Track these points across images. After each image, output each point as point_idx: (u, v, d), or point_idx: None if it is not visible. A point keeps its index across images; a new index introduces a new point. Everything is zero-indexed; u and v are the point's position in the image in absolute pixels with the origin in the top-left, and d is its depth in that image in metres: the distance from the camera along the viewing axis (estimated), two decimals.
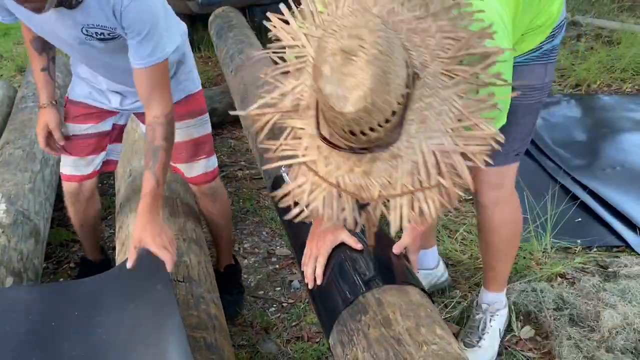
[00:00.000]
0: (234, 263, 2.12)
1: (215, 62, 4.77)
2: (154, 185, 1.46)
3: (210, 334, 1.34)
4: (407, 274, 1.42)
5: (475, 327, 1.74)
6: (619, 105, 3.34)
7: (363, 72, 0.83)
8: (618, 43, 4.08)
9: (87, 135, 1.77)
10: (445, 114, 0.92)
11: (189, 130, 1.76)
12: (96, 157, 1.82)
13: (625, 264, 2.01)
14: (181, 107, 1.71)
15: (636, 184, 2.48)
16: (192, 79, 1.77)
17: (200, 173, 1.84)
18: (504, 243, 1.66)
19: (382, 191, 0.95)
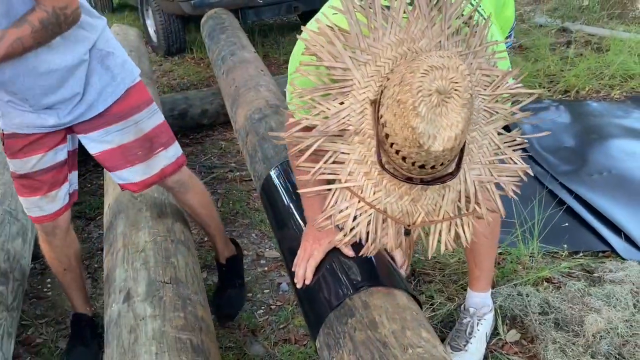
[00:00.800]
0: (234, 253, 2.06)
1: (207, 64, 4.77)
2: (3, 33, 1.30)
3: (197, 335, 1.34)
4: (395, 277, 1.43)
5: (463, 331, 1.75)
6: (607, 111, 3.37)
7: (456, 114, 0.88)
8: (607, 50, 4.12)
9: (42, 170, 1.60)
10: (485, 147, 1.01)
11: (139, 126, 1.63)
12: (59, 191, 1.65)
13: (611, 269, 2.03)
14: (124, 102, 1.60)
15: (623, 190, 2.50)
16: (128, 69, 1.61)
17: (161, 167, 1.70)
18: (490, 239, 1.67)
19: (425, 217, 1.01)
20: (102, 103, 1.57)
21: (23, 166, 1.59)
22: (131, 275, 1.50)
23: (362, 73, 0.98)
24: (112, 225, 1.79)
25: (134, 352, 1.25)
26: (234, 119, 2.62)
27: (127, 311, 1.38)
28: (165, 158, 1.70)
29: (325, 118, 0.99)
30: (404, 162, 0.94)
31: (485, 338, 1.76)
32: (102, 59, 1.55)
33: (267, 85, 2.68)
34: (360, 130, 0.98)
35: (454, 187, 1.01)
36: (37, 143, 1.57)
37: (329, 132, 0.98)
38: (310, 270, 1.40)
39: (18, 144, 1.56)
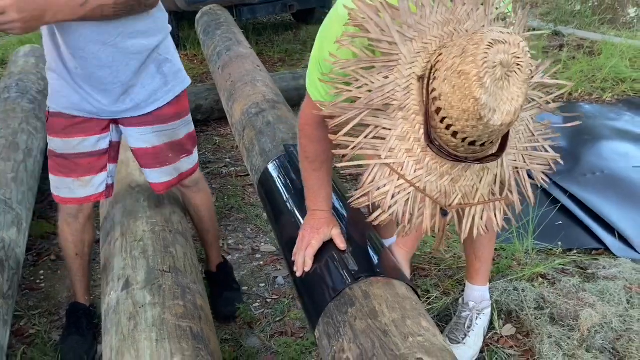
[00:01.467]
0: (222, 261, 2.10)
1: (201, 60, 4.76)
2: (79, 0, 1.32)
3: (197, 324, 1.34)
4: (394, 268, 1.43)
5: (462, 324, 1.76)
6: (599, 113, 3.41)
7: (517, 89, 0.88)
8: (599, 54, 4.17)
9: (82, 154, 1.62)
10: (522, 133, 1.02)
11: (175, 132, 1.70)
12: (94, 178, 1.65)
13: (604, 266, 2.05)
14: (170, 108, 1.65)
15: (615, 190, 2.53)
16: (180, 79, 1.68)
17: (183, 171, 1.77)
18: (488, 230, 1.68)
19: (462, 199, 1.00)
20: (150, 105, 1.62)
21: (63, 146, 1.62)
22: (130, 263, 1.49)
23: (409, 49, 0.96)
24: (109, 215, 1.78)
25: (134, 339, 1.25)
26: (230, 114, 2.62)
27: (127, 299, 1.37)
28: (187, 163, 1.78)
29: (368, 92, 0.97)
30: (453, 139, 0.92)
31: (483, 332, 1.77)
32: (159, 64, 1.60)
33: (263, 80, 2.68)
34: (405, 105, 0.97)
35: (492, 170, 1.00)
36: (80, 126, 1.60)
37: (372, 105, 0.96)
38: (309, 258, 1.41)
39: (62, 123, 1.60)
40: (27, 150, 2.37)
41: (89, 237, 1.80)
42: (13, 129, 2.42)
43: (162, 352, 1.20)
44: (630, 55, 4.02)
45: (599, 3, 5.27)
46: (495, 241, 1.75)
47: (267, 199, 1.86)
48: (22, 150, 2.33)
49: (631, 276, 1.96)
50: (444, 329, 1.81)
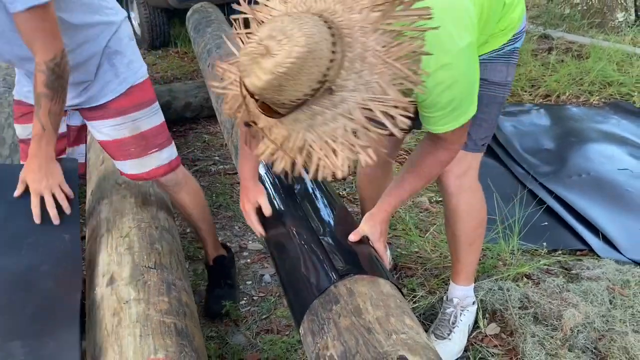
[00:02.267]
0: (224, 254, 2.08)
1: (191, 58, 4.75)
2: (39, 129, 1.46)
3: (181, 320, 1.33)
4: (378, 266, 1.44)
5: (446, 321, 1.78)
6: (586, 116, 3.44)
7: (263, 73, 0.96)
8: (587, 57, 4.21)
9: None
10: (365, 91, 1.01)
11: (136, 124, 1.68)
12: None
13: (588, 266, 2.07)
14: (124, 99, 1.65)
15: (600, 191, 2.56)
16: (133, 69, 1.67)
17: (153, 167, 1.74)
18: (470, 232, 1.70)
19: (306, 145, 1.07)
20: (103, 97, 1.64)
21: (22, 132, 1.69)
22: (115, 259, 1.49)
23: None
24: (95, 211, 1.77)
25: (117, 335, 1.24)
26: (219, 111, 2.61)
27: (111, 294, 1.37)
28: (158, 159, 1.75)
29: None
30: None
31: (467, 329, 1.78)
32: (109, 57, 1.62)
33: None
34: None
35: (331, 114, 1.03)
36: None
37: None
38: (255, 225, 1.60)
39: (22, 110, 1.68)
40: (14, 144, 2.35)
41: None
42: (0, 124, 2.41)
43: (146, 348, 1.19)
44: (617, 58, 4.06)
45: (587, 7, 5.31)
46: (477, 247, 1.76)
47: None
48: (9, 145, 2.31)
49: (614, 277, 1.98)
50: (429, 327, 1.82)
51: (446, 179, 1.63)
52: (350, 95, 1.01)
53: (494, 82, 1.54)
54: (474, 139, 1.58)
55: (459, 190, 1.63)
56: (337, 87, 1.01)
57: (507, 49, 1.53)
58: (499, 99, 1.58)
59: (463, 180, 1.62)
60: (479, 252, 1.79)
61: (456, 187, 1.63)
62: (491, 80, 1.53)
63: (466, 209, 1.66)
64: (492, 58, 1.52)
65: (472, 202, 1.67)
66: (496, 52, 1.52)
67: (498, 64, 1.54)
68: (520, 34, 1.56)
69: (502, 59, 1.54)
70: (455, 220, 1.69)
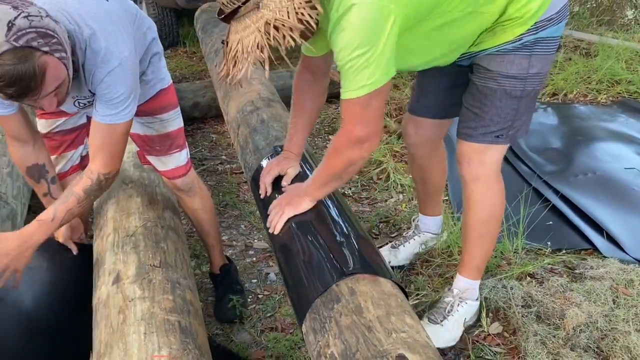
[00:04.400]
0: (227, 262, 2.11)
1: (200, 58, 4.78)
2: (48, 217, 1.46)
3: (185, 318, 1.36)
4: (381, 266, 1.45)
5: (442, 308, 1.81)
6: (593, 115, 3.42)
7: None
8: (595, 55, 4.19)
9: (64, 131, 1.74)
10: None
11: (163, 124, 1.76)
12: (74, 152, 1.79)
13: (592, 266, 2.07)
14: (154, 102, 1.72)
15: (606, 191, 2.55)
16: (161, 75, 1.76)
17: (172, 167, 1.83)
18: (480, 223, 1.71)
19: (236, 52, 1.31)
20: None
21: (48, 126, 1.74)
22: (121, 258, 1.51)
23: None
24: (102, 210, 1.80)
25: (122, 332, 1.27)
26: (226, 111, 2.64)
27: (117, 293, 1.39)
28: (177, 160, 1.83)
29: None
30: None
31: (463, 322, 1.79)
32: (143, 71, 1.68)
33: (259, 78, 2.70)
34: None
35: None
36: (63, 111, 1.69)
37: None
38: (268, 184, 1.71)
39: None
40: None
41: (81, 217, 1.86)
42: None
43: (150, 346, 1.22)
44: (626, 57, 4.04)
45: (597, 5, 5.28)
46: (487, 240, 1.76)
47: (258, 195, 1.89)
48: None
49: (618, 276, 1.98)
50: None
51: (461, 167, 1.67)
52: (267, 13, 1.24)
53: (507, 75, 1.52)
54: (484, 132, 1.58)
55: (473, 178, 1.66)
56: (263, 5, 1.26)
57: (526, 39, 1.48)
58: (515, 93, 1.54)
59: (479, 170, 1.64)
60: (489, 248, 1.80)
61: (470, 175, 1.66)
62: (504, 73, 1.52)
63: (479, 200, 1.68)
64: (507, 50, 1.50)
65: (487, 194, 1.68)
66: (511, 43, 1.49)
67: (516, 56, 1.50)
68: (545, 23, 1.48)
69: (521, 51, 1.50)
70: (467, 208, 1.71)
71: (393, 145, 3.08)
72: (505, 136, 1.61)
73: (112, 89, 1.41)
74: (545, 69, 1.56)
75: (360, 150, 1.41)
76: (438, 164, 2.02)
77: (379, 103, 1.35)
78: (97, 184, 1.50)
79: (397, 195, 2.69)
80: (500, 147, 1.63)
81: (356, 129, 1.37)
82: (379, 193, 2.72)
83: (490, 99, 1.56)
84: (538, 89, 1.59)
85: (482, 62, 1.56)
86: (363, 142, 1.39)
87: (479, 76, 1.58)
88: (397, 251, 2.15)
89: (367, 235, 1.58)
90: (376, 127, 1.39)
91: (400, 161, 2.97)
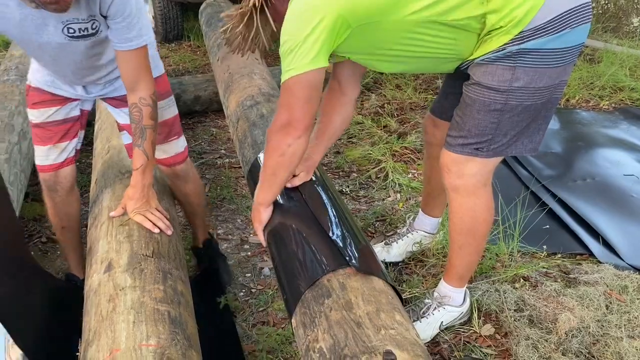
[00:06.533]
0: (209, 237, 2.19)
1: (203, 52, 4.77)
2: (144, 160, 1.60)
3: (175, 308, 1.36)
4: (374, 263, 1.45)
5: (419, 308, 1.82)
6: (595, 120, 3.42)
7: None
8: (599, 61, 4.18)
9: (56, 122, 1.76)
10: None
11: (161, 112, 1.76)
12: (69, 144, 1.80)
13: (587, 271, 2.07)
14: None
15: (604, 197, 2.55)
16: (154, 63, 1.75)
17: (172, 154, 1.88)
18: (457, 233, 1.68)
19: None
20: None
21: (40, 116, 1.75)
22: (114, 247, 1.51)
23: None
24: (98, 199, 1.80)
25: (111, 320, 1.27)
26: (226, 105, 2.64)
27: (108, 281, 1.39)
28: (177, 147, 1.89)
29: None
30: None
31: (438, 326, 1.80)
32: None
33: (261, 74, 2.70)
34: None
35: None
36: (57, 100, 1.74)
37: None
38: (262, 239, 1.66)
39: (40, 97, 1.73)
40: (22, 132, 2.39)
41: (74, 210, 1.91)
42: (10, 110, 2.45)
43: (138, 334, 1.22)
44: (630, 64, 4.03)
45: (602, 11, 5.27)
46: (467, 252, 1.71)
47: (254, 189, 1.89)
48: (17, 132, 2.35)
49: (612, 282, 1.97)
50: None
51: (442, 174, 1.63)
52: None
53: (486, 86, 1.45)
54: (463, 143, 1.54)
55: (451, 188, 1.62)
56: None
57: (510, 49, 1.40)
58: (495, 106, 1.46)
59: (457, 181, 1.59)
60: (470, 259, 1.74)
61: (449, 184, 1.62)
62: (483, 84, 1.46)
63: (456, 210, 1.64)
64: (490, 60, 1.44)
65: (465, 206, 1.62)
66: (494, 53, 1.42)
67: (497, 67, 1.43)
68: (532, 33, 1.38)
69: (503, 61, 1.42)
70: (449, 217, 1.69)
71: (393, 145, 3.07)
72: (487, 150, 1.52)
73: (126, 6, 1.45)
74: (538, 84, 1.43)
75: (285, 135, 1.45)
76: None
77: (303, 92, 1.40)
78: (154, 105, 1.59)
79: (395, 194, 2.69)
80: (481, 161, 1.55)
81: (280, 114, 1.45)
82: (376, 192, 2.72)
83: (470, 109, 1.50)
84: (530, 105, 1.46)
85: (471, 71, 1.51)
86: (287, 127, 1.44)
87: (466, 84, 1.53)
88: (390, 247, 2.14)
89: (361, 233, 1.58)
90: (299, 113, 1.42)
91: (400, 161, 2.97)
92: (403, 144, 3.09)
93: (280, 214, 1.63)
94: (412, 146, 3.05)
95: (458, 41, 1.45)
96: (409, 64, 1.55)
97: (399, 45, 1.45)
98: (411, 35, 1.42)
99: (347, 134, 3.30)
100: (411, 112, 3.56)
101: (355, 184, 2.78)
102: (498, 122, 1.49)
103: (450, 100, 1.79)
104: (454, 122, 1.57)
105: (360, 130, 3.32)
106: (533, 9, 1.38)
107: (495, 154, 1.55)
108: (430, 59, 1.51)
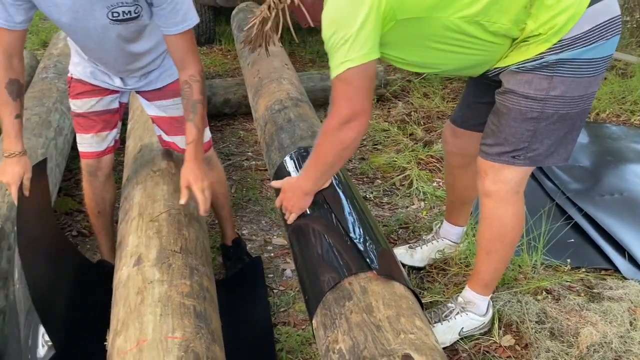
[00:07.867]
0: (238, 236, 2.25)
1: (234, 56, 4.85)
2: (195, 134, 1.67)
3: (200, 303, 1.40)
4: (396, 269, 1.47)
5: (441, 311, 1.82)
6: (625, 135, 3.37)
7: None
8: (632, 76, 4.12)
9: (97, 112, 1.86)
10: None
11: None
12: (109, 133, 1.91)
13: (611, 286, 2.05)
14: (175, 84, 1.81)
15: (632, 212, 2.52)
16: None
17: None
18: (486, 240, 1.70)
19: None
20: (161, 81, 1.88)
21: (82, 106, 1.85)
22: (143, 242, 1.56)
23: None
24: (129, 196, 1.85)
25: (139, 312, 1.31)
26: (255, 108, 2.69)
27: (137, 274, 1.44)
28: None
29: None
30: None
31: (459, 331, 1.80)
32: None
33: (289, 79, 2.74)
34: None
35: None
36: (97, 90, 1.85)
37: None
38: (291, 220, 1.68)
39: (83, 88, 1.84)
40: (59, 128, 2.47)
41: (110, 195, 2.01)
42: (47, 107, 2.53)
43: (164, 327, 1.26)
44: None
45: (637, 25, 5.19)
46: (495, 258, 1.73)
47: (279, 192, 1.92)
48: (54, 128, 2.43)
49: (637, 298, 1.95)
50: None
51: (478, 180, 1.66)
52: None
53: (522, 94, 1.47)
54: (500, 151, 1.56)
55: (485, 193, 1.64)
56: None
57: (547, 58, 1.42)
58: (530, 114, 1.48)
59: (491, 186, 1.61)
60: (497, 267, 1.76)
61: (483, 190, 1.64)
62: (519, 92, 1.47)
63: (487, 216, 1.67)
64: (527, 69, 1.45)
65: (496, 212, 1.65)
66: (531, 62, 1.44)
67: (535, 76, 1.44)
68: (570, 42, 1.40)
69: (541, 71, 1.44)
70: (479, 223, 1.71)
71: (418, 153, 3.08)
72: (523, 158, 1.54)
73: None
74: (574, 93, 1.45)
75: (349, 130, 1.43)
76: (470, 177, 1.91)
77: (362, 82, 1.39)
78: (202, 81, 1.68)
79: (419, 202, 2.70)
80: (518, 169, 1.57)
81: (342, 108, 1.42)
82: (400, 199, 2.73)
83: (505, 118, 1.51)
84: (566, 113, 1.48)
85: (504, 78, 1.52)
86: (350, 121, 1.42)
87: (499, 93, 1.54)
88: (414, 251, 2.16)
89: (383, 238, 1.60)
90: (362, 105, 1.42)
91: (425, 169, 2.97)
92: (429, 152, 3.10)
93: (304, 215, 1.66)
94: (438, 155, 3.06)
95: (495, 45, 1.47)
96: (438, 66, 1.57)
97: (436, 44, 1.47)
98: (451, 34, 1.43)
99: (373, 140, 3.32)
100: (438, 120, 3.56)
101: (379, 190, 2.80)
102: (534, 130, 1.51)
103: (472, 109, 1.82)
104: (489, 131, 1.59)
105: (385, 137, 3.34)
106: (574, 17, 1.39)
107: (532, 163, 1.57)
108: (462, 61, 1.53)
